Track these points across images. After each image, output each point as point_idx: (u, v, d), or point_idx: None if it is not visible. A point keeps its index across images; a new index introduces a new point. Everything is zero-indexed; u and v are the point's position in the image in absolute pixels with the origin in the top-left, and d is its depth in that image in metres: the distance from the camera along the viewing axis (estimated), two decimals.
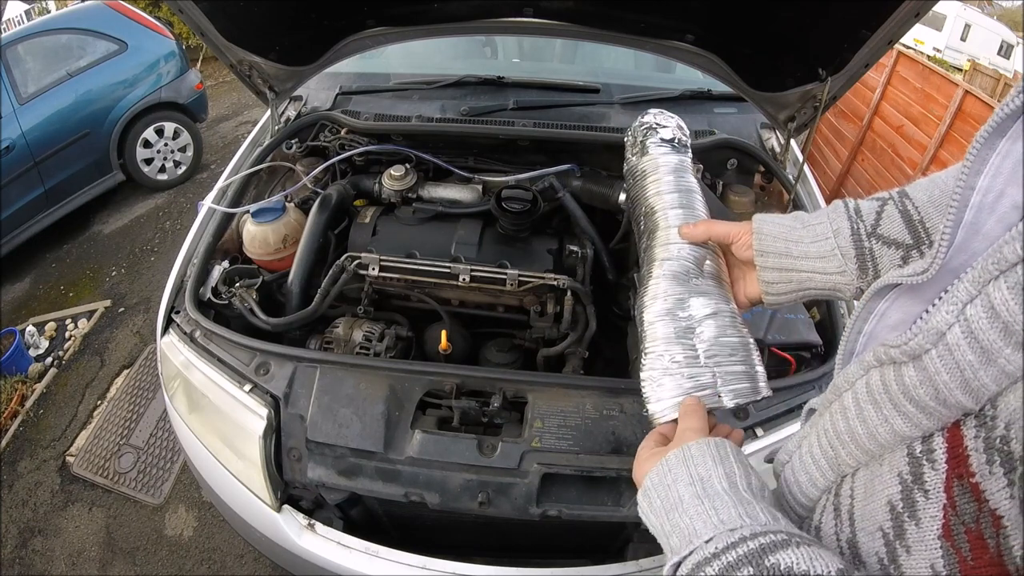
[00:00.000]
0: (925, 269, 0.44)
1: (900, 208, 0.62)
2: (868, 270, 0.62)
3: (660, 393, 0.70)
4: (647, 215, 0.89)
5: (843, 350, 0.54)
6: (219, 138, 5.21)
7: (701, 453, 0.53)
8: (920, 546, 0.37)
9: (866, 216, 0.64)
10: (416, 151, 1.64)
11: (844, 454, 0.46)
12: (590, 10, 1.38)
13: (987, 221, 0.41)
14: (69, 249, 3.83)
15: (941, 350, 0.37)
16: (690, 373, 0.70)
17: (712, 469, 0.51)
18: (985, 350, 0.34)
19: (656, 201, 0.88)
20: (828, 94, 1.30)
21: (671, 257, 0.79)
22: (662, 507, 0.51)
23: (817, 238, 0.65)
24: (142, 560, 2.06)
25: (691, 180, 0.91)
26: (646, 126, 0.99)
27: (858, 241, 0.63)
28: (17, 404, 2.64)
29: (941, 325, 0.37)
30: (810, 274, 0.65)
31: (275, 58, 1.52)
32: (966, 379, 0.35)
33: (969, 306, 0.35)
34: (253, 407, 1.16)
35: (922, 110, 3.44)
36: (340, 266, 1.39)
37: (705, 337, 0.72)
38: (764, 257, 0.68)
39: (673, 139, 0.97)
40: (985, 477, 0.33)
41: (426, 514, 1.14)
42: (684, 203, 0.86)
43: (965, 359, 0.35)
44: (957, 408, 0.36)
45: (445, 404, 1.16)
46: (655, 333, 0.74)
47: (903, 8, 1.02)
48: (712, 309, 0.74)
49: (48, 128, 3.58)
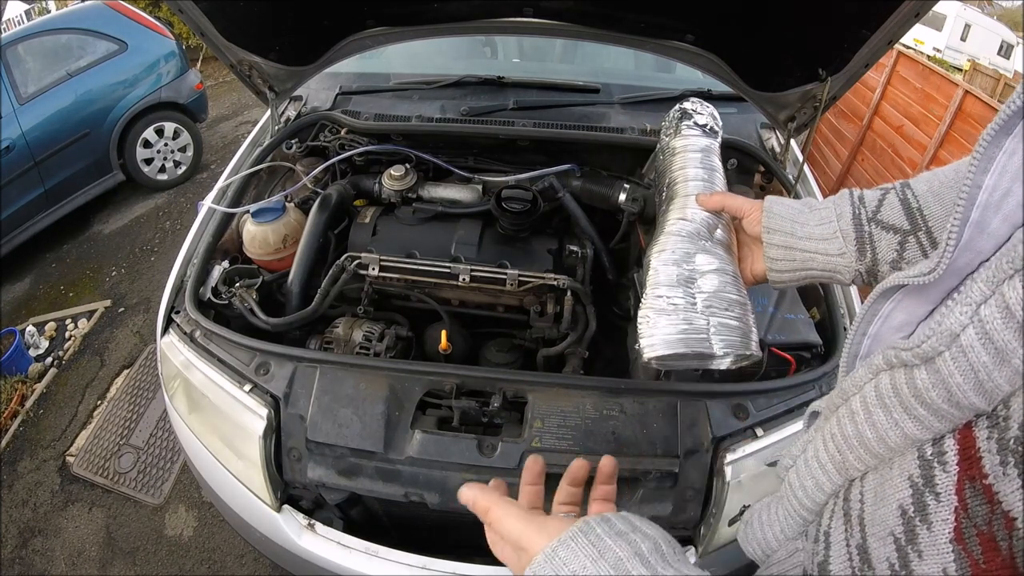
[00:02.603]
0: (932, 269, 0.43)
1: (900, 196, 0.66)
2: (866, 253, 0.66)
3: (653, 330, 0.73)
4: (670, 185, 0.94)
5: (847, 352, 0.54)
6: (219, 138, 5.21)
7: (588, 547, 0.43)
8: (932, 550, 0.36)
9: (868, 203, 0.67)
10: (416, 151, 1.64)
11: (852, 458, 0.46)
12: (590, 10, 1.38)
13: (993, 220, 0.40)
14: (69, 249, 3.83)
15: (955, 352, 0.36)
16: (685, 316, 0.73)
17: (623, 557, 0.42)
18: (1000, 351, 0.33)
19: (680, 174, 0.93)
20: (828, 94, 1.30)
21: (685, 218, 0.84)
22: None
23: (821, 221, 0.69)
24: (142, 560, 2.06)
25: (716, 161, 0.97)
26: (683, 111, 1.05)
27: (858, 225, 0.66)
28: (17, 404, 2.64)
29: (955, 327, 0.36)
30: (812, 254, 0.69)
31: (275, 58, 1.52)
32: (980, 381, 0.34)
33: (983, 306, 0.35)
34: (253, 407, 1.16)
35: (922, 110, 3.44)
36: (340, 266, 1.39)
37: (705, 288, 0.76)
38: (771, 235, 0.72)
39: (706, 125, 1.03)
40: (999, 479, 0.32)
41: (426, 514, 1.14)
42: (705, 178, 0.92)
43: (979, 360, 0.34)
44: (970, 410, 0.36)
45: (445, 404, 1.16)
46: (657, 277, 0.78)
47: (903, 8, 1.02)
48: (716, 266, 0.78)
49: (48, 128, 3.58)
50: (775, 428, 1.13)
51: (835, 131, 4.35)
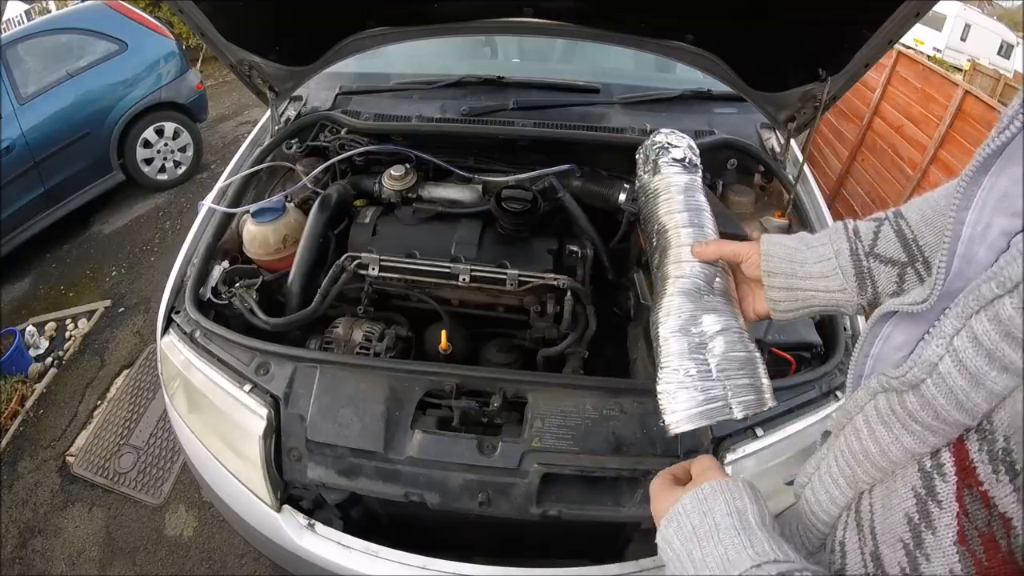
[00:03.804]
0: (924, 299, 0.47)
1: (895, 228, 0.67)
2: (867, 287, 0.67)
3: (675, 405, 0.75)
4: (660, 233, 0.93)
5: (852, 373, 0.57)
6: (219, 138, 5.21)
7: (738, 488, 0.55)
8: (938, 553, 0.40)
9: (864, 236, 0.68)
10: (416, 151, 1.64)
11: (860, 472, 0.50)
12: (590, 10, 1.38)
13: (979, 250, 0.45)
14: (69, 249, 3.83)
15: (935, 379, 0.41)
16: (703, 387, 0.75)
17: (748, 505, 0.53)
18: (973, 375, 0.38)
19: (668, 220, 0.92)
20: (828, 94, 1.30)
21: (684, 275, 0.83)
22: (694, 533, 0.52)
23: (820, 259, 0.69)
24: (142, 560, 2.06)
25: (701, 199, 0.95)
26: (659, 145, 1.02)
27: (857, 260, 0.67)
28: (17, 404, 2.64)
29: (933, 357, 0.42)
30: (814, 292, 0.70)
31: (275, 58, 1.52)
32: (960, 401, 0.39)
33: (956, 338, 0.40)
34: (253, 407, 1.16)
35: (922, 110, 3.44)
36: (340, 266, 1.39)
37: (716, 352, 0.76)
38: (772, 277, 0.73)
39: (684, 159, 1.00)
40: (993, 485, 0.36)
41: (426, 514, 1.14)
42: (695, 222, 0.90)
43: (957, 384, 0.39)
44: (957, 425, 0.40)
45: (445, 404, 1.16)
46: (669, 348, 0.78)
47: (903, 8, 1.02)
48: (722, 325, 0.78)
49: (48, 128, 3.57)
50: (775, 428, 1.13)
51: (835, 131, 4.35)
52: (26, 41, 3.59)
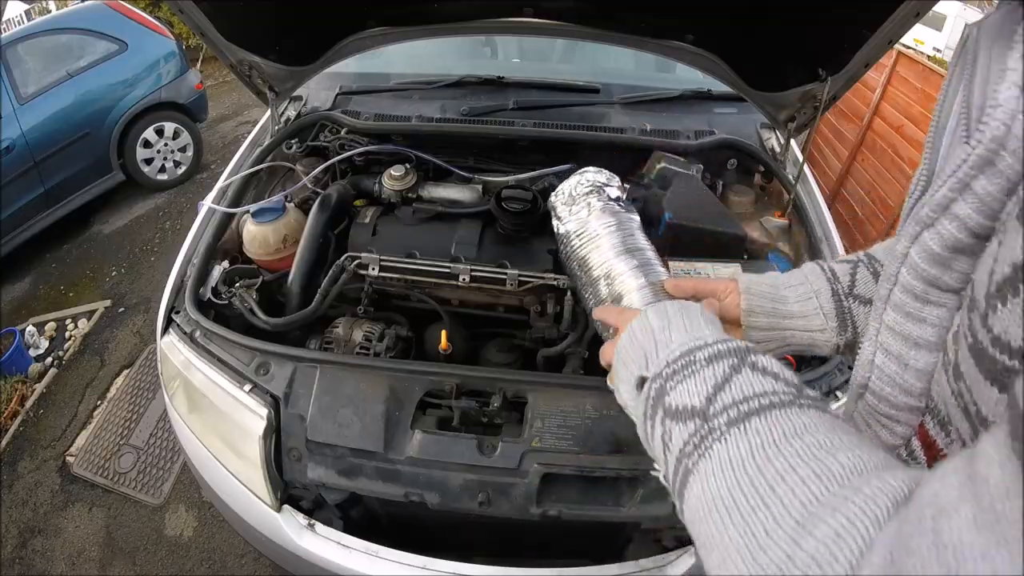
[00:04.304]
0: None
1: (871, 269, 0.68)
2: (847, 328, 0.67)
3: None
4: (608, 278, 0.90)
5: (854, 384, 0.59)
6: (219, 138, 5.21)
7: (696, 307, 0.58)
8: None
9: (841, 278, 0.69)
10: (416, 151, 1.64)
11: None
12: (590, 10, 1.38)
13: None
14: (69, 249, 3.83)
15: (877, 373, 0.48)
16: None
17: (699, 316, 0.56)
18: (898, 359, 0.46)
19: (617, 265, 0.90)
20: (828, 94, 1.30)
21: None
22: (651, 326, 0.54)
23: (800, 298, 0.70)
24: (142, 560, 2.06)
25: (644, 239, 0.94)
26: (590, 184, 0.99)
27: (838, 302, 0.68)
28: (17, 404, 2.64)
29: (868, 355, 0.49)
30: (793, 331, 0.71)
31: (275, 58, 1.52)
32: (899, 384, 0.46)
33: (879, 335, 0.48)
34: (253, 407, 1.16)
35: (922, 110, 3.44)
36: (340, 266, 1.39)
37: None
38: (753, 316, 0.72)
39: (619, 198, 0.98)
40: (947, 447, 0.42)
41: (426, 514, 1.14)
42: (652, 260, 0.89)
43: (892, 371, 0.47)
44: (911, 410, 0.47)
45: (445, 404, 1.16)
46: None
47: (903, 8, 1.02)
48: None
49: (48, 128, 3.58)
50: None
51: (835, 131, 4.35)
52: (26, 41, 3.59)
